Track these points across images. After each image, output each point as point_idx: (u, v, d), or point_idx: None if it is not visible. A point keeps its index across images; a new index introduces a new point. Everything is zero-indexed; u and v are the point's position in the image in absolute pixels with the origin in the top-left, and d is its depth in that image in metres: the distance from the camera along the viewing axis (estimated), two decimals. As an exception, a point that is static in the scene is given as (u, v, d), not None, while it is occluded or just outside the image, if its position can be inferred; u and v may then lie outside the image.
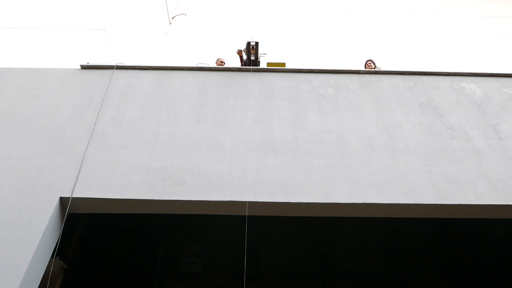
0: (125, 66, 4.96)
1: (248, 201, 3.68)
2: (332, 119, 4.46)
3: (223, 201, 3.70)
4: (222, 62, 6.50)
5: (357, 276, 6.07)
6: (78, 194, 3.72)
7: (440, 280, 6.18)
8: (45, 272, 3.63)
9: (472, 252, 5.24)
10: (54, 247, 3.71)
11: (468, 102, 4.73)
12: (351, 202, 3.71)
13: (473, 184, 3.91)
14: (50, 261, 3.75)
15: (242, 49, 5.85)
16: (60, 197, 3.70)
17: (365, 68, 6.60)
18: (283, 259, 5.47)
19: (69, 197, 3.69)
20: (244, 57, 5.87)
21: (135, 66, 4.97)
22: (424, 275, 6.10)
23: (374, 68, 6.43)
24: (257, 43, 5.50)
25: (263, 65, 5.76)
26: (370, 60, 6.73)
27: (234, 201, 3.69)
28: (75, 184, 3.78)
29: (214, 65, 6.36)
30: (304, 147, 4.16)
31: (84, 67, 4.95)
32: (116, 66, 4.92)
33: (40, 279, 3.52)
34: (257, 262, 5.54)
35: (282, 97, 4.69)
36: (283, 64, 5.51)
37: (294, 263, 5.63)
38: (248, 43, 5.50)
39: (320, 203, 3.70)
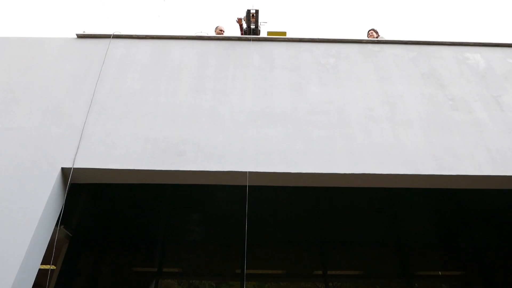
0: (122, 35, 4.85)
1: (248, 171, 3.71)
2: (333, 90, 4.41)
3: (224, 171, 3.73)
4: (221, 30, 6.35)
5: (354, 245, 6.24)
6: (79, 164, 3.75)
7: (436, 249, 6.35)
8: (50, 240, 3.73)
9: (470, 222, 5.34)
10: (58, 216, 3.78)
11: (471, 73, 4.67)
12: (350, 172, 3.74)
13: (472, 155, 3.93)
14: (54, 230, 3.83)
15: (242, 17, 5.70)
16: (62, 168, 3.73)
17: (368, 37, 6.45)
18: (283, 228, 5.59)
19: (71, 168, 3.72)
20: (244, 25, 5.73)
21: (132, 35, 4.86)
22: (420, 244, 6.26)
23: (376, 38, 6.28)
24: (257, 11, 5.36)
25: (263, 34, 5.63)
26: (373, 30, 6.57)
27: (234, 171, 3.72)
28: (76, 155, 3.80)
29: (213, 34, 6.21)
30: (304, 118, 4.14)
31: (80, 36, 4.84)
32: (113, 35, 4.81)
33: (46, 247, 3.62)
34: (257, 231, 5.67)
35: (283, 67, 4.62)
36: (284, 33, 5.38)
37: (293, 232, 5.76)
38: (248, 11, 5.36)
39: (320, 173, 3.74)
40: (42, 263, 3.63)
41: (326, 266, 5.94)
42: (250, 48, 4.79)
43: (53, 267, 5.65)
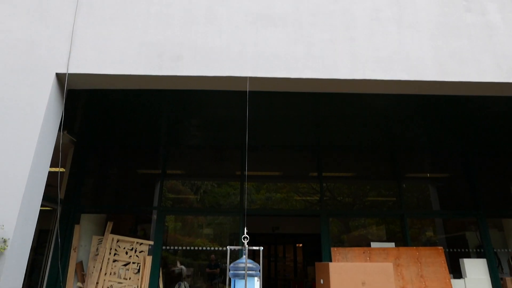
0: None
1: (248, 77, 3.64)
2: (339, -13, 4.06)
3: (223, 76, 3.66)
4: None
5: (348, 149, 6.49)
6: (73, 70, 3.65)
7: (426, 153, 6.63)
8: (55, 145, 3.84)
9: (459, 127, 5.46)
10: (59, 121, 3.82)
11: (492, -32, 4.24)
12: (352, 78, 3.68)
13: (478, 61, 3.81)
14: (58, 135, 3.92)
15: None
16: (56, 73, 3.65)
17: None
18: (281, 132, 5.74)
19: (65, 73, 3.63)
20: None
21: None
22: (411, 149, 6.51)
23: None
24: None
25: None
26: None
27: (234, 76, 3.65)
28: (69, 60, 3.68)
29: None
30: (306, 20, 3.90)
31: None
32: None
33: (52, 151, 3.75)
34: (256, 135, 5.83)
35: (285, -40, 4.16)
36: None
37: (291, 136, 5.92)
38: None
39: (321, 79, 3.67)
40: (52, 166, 3.80)
41: (321, 169, 6.28)
42: None
43: (62, 169, 5.95)
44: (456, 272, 5.78)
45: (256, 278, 2.99)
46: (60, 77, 3.70)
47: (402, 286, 5.30)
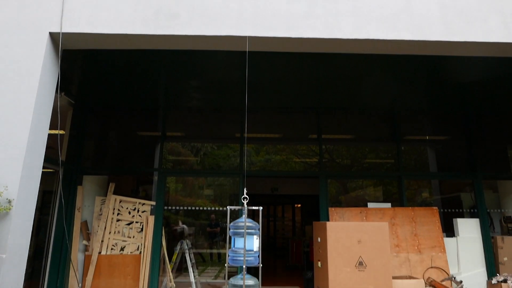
0: None
1: (248, 36, 3.54)
2: None
3: (221, 36, 3.55)
4: None
5: (350, 111, 6.46)
6: (67, 29, 3.54)
7: (425, 116, 6.61)
8: (54, 107, 3.81)
9: (460, 90, 5.40)
10: (56, 82, 3.77)
11: None
12: (354, 38, 3.57)
13: (485, 20, 3.68)
14: (56, 97, 3.88)
15: None
16: (50, 33, 3.53)
17: None
18: (281, 94, 5.68)
19: (59, 32, 3.52)
20: None
21: None
22: (411, 111, 6.48)
23: None
24: None
25: None
26: None
27: (232, 36, 3.54)
28: (61, 18, 3.55)
29: None
30: (309, -25, 3.71)
31: None
32: None
33: (50, 113, 3.72)
34: (255, 96, 5.78)
35: None
36: None
37: (291, 98, 5.87)
38: None
39: (322, 38, 3.57)
40: (51, 129, 3.79)
41: (320, 131, 6.29)
42: None
43: (61, 132, 5.96)
44: (450, 231, 5.97)
45: (255, 236, 3.10)
46: (54, 37, 3.59)
47: (397, 244, 5.50)
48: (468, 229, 5.87)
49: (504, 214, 6.25)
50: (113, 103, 6.26)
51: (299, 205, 14.35)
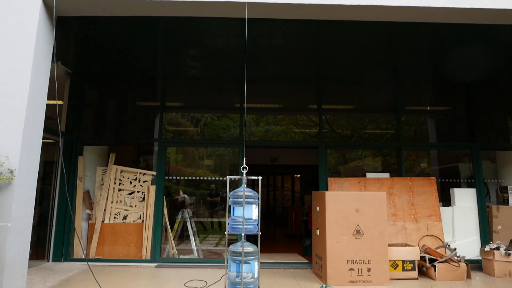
0: None
1: (247, 2, 3.42)
2: None
3: (219, 1, 3.43)
4: None
5: (351, 81, 6.37)
6: (60, -6, 3.42)
7: (427, 85, 6.53)
8: (51, 77, 3.75)
9: (464, 58, 5.30)
10: (52, 50, 3.69)
11: None
12: (357, 4, 3.46)
13: (493, -16, 3.55)
14: (52, 66, 3.81)
15: None
16: (42, -2, 3.42)
17: None
18: (281, 63, 5.58)
19: (52, -2, 3.41)
20: None
21: None
22: (413, 81, 6.40)
23: None
24: None
25: None
26: None
27: (231, 1, 3.43)
28: (54, -17, 3.42)
29: None
30: None
31: None
32: None
33: (47, 81, 3.67)
34: (255, 66, 5.68)
35: None
36: None
37: (291, 67, 5.77)
38: None
39: (324, 4, 3.45)
40: (49, 99, 3.76)
41: (321, 101, 6.23)
42: None
43: (60, 102, 5.91)
44: (446, 201, 6.07)
45: (254, 205, 3.15)
46: (47, 3, 3.48)
47: (394, 213, 5.61)
48: (465, 198, 5.96)
49: (500, 184, 6.32)
50: (111, 72, 6.16)
51: (299, 175, 14.51)
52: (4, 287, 3.08)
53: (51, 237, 5.62)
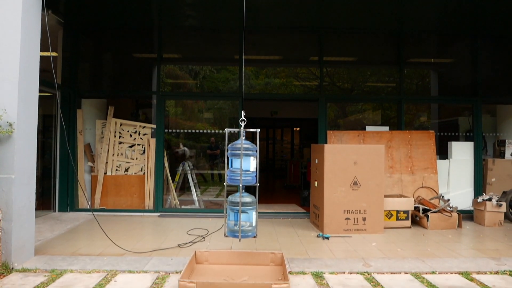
0: None
1: None
2: None
3: None
4: None
5: (354, 32, 6.15)
6: None
7: (431, 37, 6.32)
8: (42, 27, 3.62)
9: (470, 9, 5.08)
10: (41, -1, 3.53)
11: None
12: None
13: None
14: (44, 16, 3.66)
15: None
16: None
17: None
18: (281, 12, 5.35)
19: None
20: None
21: None
22: (417, 32, 6.17)
23: None
24: None
25: None
26: None
27: None
28: None
29: None
30: None
31: None
32: None
33: (39, 31, 3.56)
34: (254, 15, 5.45)
35: None
36: None
37: (291, 17, 5.55)
38: None
39: None
40: (42, 51, 3.66)
41: (322, 53, 6.07)
42: None
43: (54, 54, 5.76)
44: (444, 154, 6.14)
45: (252, 158, 3.19)
46: None
47: (391, 165, 5.70)
48: (462, 152, 6.03)
49: (498, 138, 6.36)
50: (105, 22, 5.94)
51: (298, 129, 14.55)
52: (14, 235, 3.22)
53: (55, 188, 5.77)
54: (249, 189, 3.29)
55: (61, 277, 3.04)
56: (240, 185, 3.13)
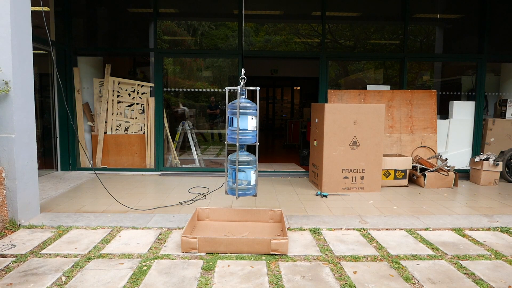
0: None
1: None
2: None
3: None
4: None
5: (357, 18, 5.87)
6: None
7: (442, 18, 6.05)
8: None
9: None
10: None
11: None
12: None
13: None
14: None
15: None
16: None
17: None
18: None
19: None
20: None
21: None
22: (428, 14, 5.90)
23: None
24: None
25: None
26: None
27: None
28: None
29: None
30: None
31: None
32: None
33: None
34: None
35: None
36: None
37: (294, 3, 5.27)
38: None
39: None
40: (33, 5, 3.50)
41: (325, 7, 5.83)
42: None
43: (46, 8, 5.53)
44: (445, 113, 6.11)
45: (251, 116, 3.18)
46: None
47: (391, 125, 5.69)
48: (462, 111, 6.00)
49: (501, 97, 6.30)
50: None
51: (298, 88, 14.37)
52: (19, 192, 3.28)
53: (56, 148, 5.80)
54: (249, 148, 3.31)
55: (67, 233, 3.15)
56: (237, 144, 3.14)
